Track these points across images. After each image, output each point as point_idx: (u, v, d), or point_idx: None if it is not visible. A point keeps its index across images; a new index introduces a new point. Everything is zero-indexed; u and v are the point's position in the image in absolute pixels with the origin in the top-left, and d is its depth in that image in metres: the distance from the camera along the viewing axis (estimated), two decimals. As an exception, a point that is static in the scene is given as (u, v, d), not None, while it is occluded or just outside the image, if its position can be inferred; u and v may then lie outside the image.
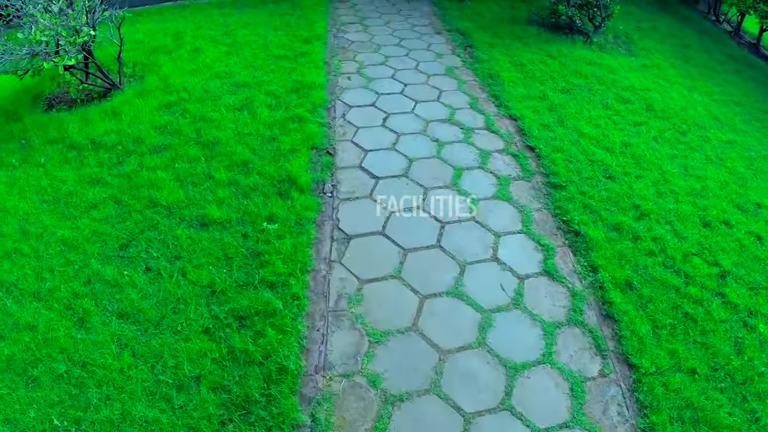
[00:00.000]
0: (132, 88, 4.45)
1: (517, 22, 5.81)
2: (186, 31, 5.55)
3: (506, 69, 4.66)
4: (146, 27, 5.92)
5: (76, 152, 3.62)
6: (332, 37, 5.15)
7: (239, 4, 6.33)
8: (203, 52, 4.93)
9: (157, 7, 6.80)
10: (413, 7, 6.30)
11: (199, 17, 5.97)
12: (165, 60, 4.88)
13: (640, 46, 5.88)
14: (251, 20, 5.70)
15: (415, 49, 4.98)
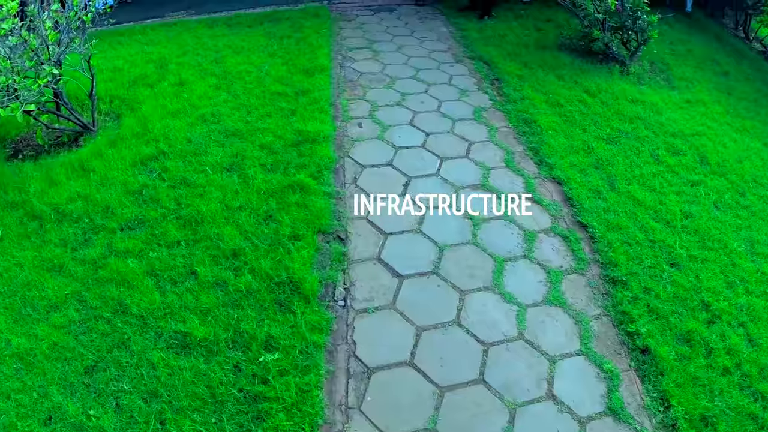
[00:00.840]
0: (107, 131, 3.90)
1: (545, 48, 5.25)
2: (171, 57, 4.98)
3: (542, 111, 4.15)
4: (127, 50, 5.34)
5: (38, 223, 3.08)
6: (338, 67, 4.59)
7: (232, 22, 5.75)
8: (189, 86, 4.36)
9: (141, 24, 6.17)
10: (428, 28, 5.72)
11: (187, 39, 5.39)
12: (146, 95, 4.33)
13: (678, 75, 5.38)
14: (245, 44, 5.12)
15: (435, 83, 4.42)
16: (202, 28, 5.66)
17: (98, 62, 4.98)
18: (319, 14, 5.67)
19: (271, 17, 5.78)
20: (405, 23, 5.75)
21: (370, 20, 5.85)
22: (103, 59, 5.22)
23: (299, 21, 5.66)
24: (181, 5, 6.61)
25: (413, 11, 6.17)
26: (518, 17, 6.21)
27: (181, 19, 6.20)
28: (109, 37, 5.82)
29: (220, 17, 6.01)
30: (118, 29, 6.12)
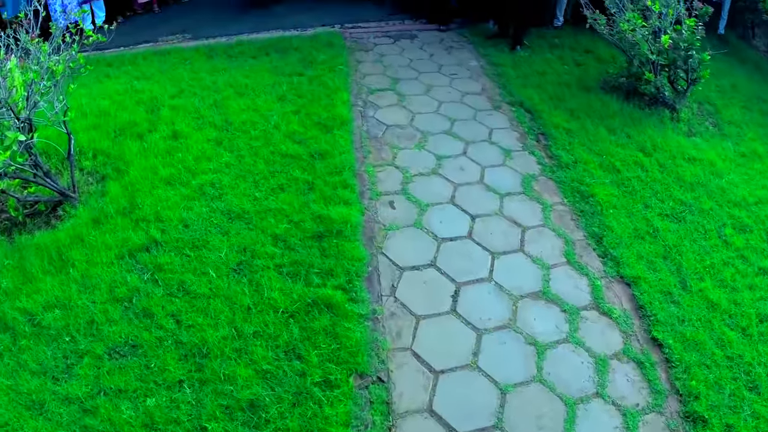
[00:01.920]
0: (90, 200, 3.38)
1: (589, 89, 4.75)
2: (164, 97, 4.44)
3: (599, 180, 3.64)
4: (115, 85, 4.81)
5: (10, 338, 2.56)
6: (359, 117, 4.08)
7: (233, 52, 5.21)
8: (184, 140, 3.82)
9: (131, 51, 5.62)
10: (456, 60, 5.19)
11: (182, 73, 4.86)
12: (134, 150, 3.79)
13: (727, 118, 4.93)
14: (249, 81, 4.59)
15: (473, 140, 3.91)
16: (200, 59, 5.12)
17: (82, 101, 4.45)
18: (333, 43, 5.16)
19: (277, 46, 5.25)
20: (430, 55, 5.24)
21: (390, 51, 5.32)
22: (87, 97, 4.68)
23: (310, 52, 5.10)
24: (176, 28, 6.06)
25: (436, 38, 5.65)
26: (553, 47, 5.70)
27: (176, 45, 5.65)
28: (96, 65, 5.26)
29: (219, 44, 5.48)
30: (105, 56, 5.60)
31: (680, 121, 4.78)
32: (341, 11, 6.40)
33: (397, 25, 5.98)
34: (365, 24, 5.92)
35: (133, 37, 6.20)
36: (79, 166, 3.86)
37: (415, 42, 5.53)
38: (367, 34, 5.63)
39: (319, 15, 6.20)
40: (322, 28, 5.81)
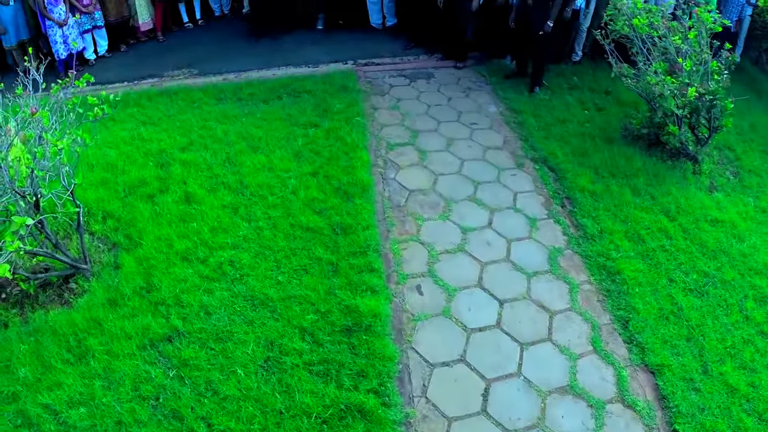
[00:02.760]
0: (103, 273, 3.40)
1: (612, 140, 4.78)
2: (173, 150, 4.43)
3: (624, 253, 3.67)
4: (121, 132, 4.78)
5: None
6: (380, 181, 4.08)
7: (243, 95, 5.20)
8: (198, 205, 3.82)
9: (136, 88, 5.59)
10: (475, 106, 5.17)
11: (191, 120, 4.84)
12: (146, 215, 3.78)
13: (747, 165, 5.01)
14: (262, 133, 4.57)
15: (498, 207, 3.91)
16: (209, 102, 5.11)
17: (88, 151, 4.30)
18: (347, 87, 5.14)
19: (289, 88, 5.25)
20: (448, 99, 5.23)
21: (406, 94, 5.31)
22: (92, 146, 4.61)
23: (324, 98, 5.08)
24: (182, 61, 6.06)
25: (453, 78, 5.64)
26: (572, 88, 5.71)
27: (182, 84, 5.62)
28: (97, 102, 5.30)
29: (227, 84, 5.45)
30: (112, 91, 5.46)
31: (702, 174, 4.85)
32: (353, 45, 6.38)
33: (412, 62, 5.97)
34: (379, 60, 5.92)
35: (137, 69, 6.22)
36: (88, 230, 3.88)
37: (431, 82, 5.53)
38: (381, 73, 5.62)
39: (330, 49, 6.20)
40: (335, 65, 5.81)
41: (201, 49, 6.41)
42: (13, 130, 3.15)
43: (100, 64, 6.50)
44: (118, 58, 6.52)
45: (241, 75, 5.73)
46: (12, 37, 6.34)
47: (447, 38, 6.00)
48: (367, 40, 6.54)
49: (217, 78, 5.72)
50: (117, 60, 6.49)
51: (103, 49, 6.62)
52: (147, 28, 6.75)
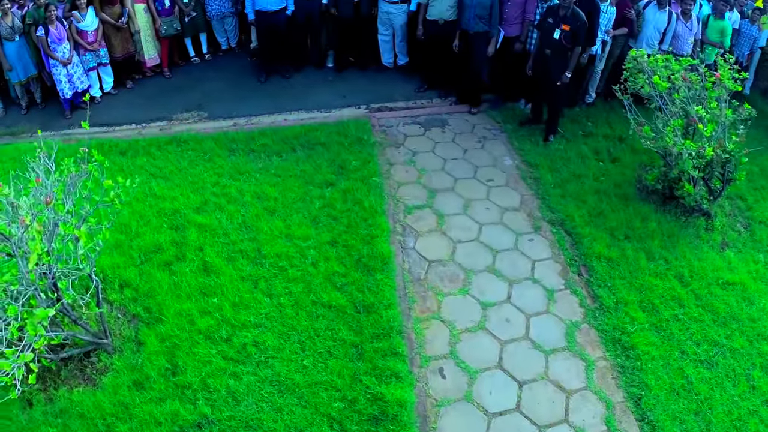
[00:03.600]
0: (125, 349, 3.56)
1: (626, 196, 4.96)
2: (188, 210, 4.58)
3: (639, 325, 3.85)
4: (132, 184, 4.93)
5: None
6: (400, 251, 4.21)
7: (255, 146, 5.32)
8: (217, 276, 3.96)
9: (144, 135, 5.69)
10: (490, 159, 5.32)
11: (204, 176, 4.96)
12: (164, 287, 3.92)
13: (758, 216, 5.25)
14: (278, 193, 4.69)
15: (516, 279, 4.05)
16: (221, 154, 5.24)
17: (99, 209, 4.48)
18: (362, 139, 5.26)
19: (302, 139, 5.38)
20: (463, 151, 5.38)
21: (421, 145, 5.43)
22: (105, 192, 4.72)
23: (339, 151, 5.20)
24: (191, 104, 6.20)
25: (467, 125, 5.79)
26: (587, 135, 5.89)
27: (192, 130, 5.71)
28: (108, 153, 5.32)
29: (239, 133, 5.55)
30: (118, 140, 5.70)
31: (714, 230, 5.05)
32: (365, 86, 6.51)
33: (426, 106, 6.11)
34: (393, 105, 6.06)
35: (145, 110, 6.35)
36: (105, 298, 4.00)
37: (446, 131, 5.67)
38: (395, 120, 5.76)
39: (342, 91, 6.33)
40: (348, 110, 5.96)
41: (209, 88, 6.54)
42: (28, 219, 3.27)
43: (106, 102, 6.63)
44: (124, 95, 6.66)
45: (251, 120, 5.88)
46: (19, 72, 6.45)
47: (461, 82, 6.14)
48: (379, 81, 6.66)
49: (228, 123, 5.87)
50: (123, 98, 6.62)
51: (109, 85, 6.73)
52: (153, 63, 6.87)
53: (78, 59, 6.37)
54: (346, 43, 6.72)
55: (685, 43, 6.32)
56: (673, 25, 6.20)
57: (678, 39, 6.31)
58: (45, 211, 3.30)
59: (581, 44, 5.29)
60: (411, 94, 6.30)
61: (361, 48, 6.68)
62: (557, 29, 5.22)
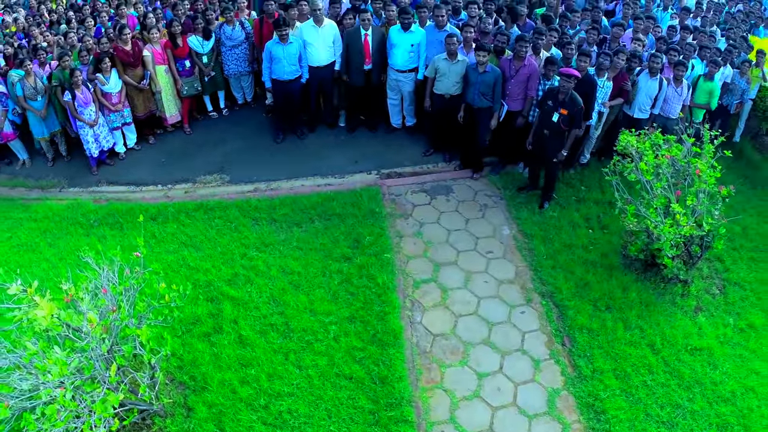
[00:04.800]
0: (177, 414, 4.61)
1: (611, 267, 6.05)
2: (220, 283, 5.74)
3: (611, 391, 4.89)
4: (166, 255, 6.03)
5: None
6: (408, 326, 5.35)
7: (277, 216, 6.44)
8: (252, 348, 5.08)
9: (172, 197, 6.81)
10: (490, 228, 6.39)
11: (232, 247, 6.05)
12: (206, 357, 5.07)
13: (733, 278, 6.40)
14: (300, 268, 5.76)
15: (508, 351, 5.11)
16: (245, 224, 6.38)
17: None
18: (374, 211, 6.40)
19: (320, 209, 6.52)
20: (466, 220, 6.52)
21: (428, 216, 6.54)
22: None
23: (354, 225, 6.28)
24: (213, 167, 7.37)
25: (470, 191, 6.94)
26: (579, 200, 7.06)
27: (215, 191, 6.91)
28: (138, 212, 6.45)
29: (261, 201, 6.65)
30: (147, 203, 6.83)
31: (689, 296, 6.16)
32: (375, 149, 7.64)
33: (432, 171, 7.26)
34: (401, 170, 7.23)
35: (169, 169, 7.52)
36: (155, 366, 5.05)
37: (450, 199, 6.82)
38: (404, 188, 6.91)
39: (354, 155, 7.50)
40: (360, 176, 7.12)
41: (229, 149, 7.72)
42: (96, 328, 4.25)
43: (131, 158, 7.79)
44: (147, 152, 7.85)
45: (271, 185, 7.05)
46: (43, 128, 7.48)
47: (465, 149, 7.29)
48: (388, 143, 7.82)
49: (249, 187, 7.04)
50: (147, 155, 7.81)
51: (132, 141, 7.85)
52: (174, 120, 7.96)
53: (103, 119, 7.42)
54: (357, 104, 7.87)
55: (675, 107, 7.40)
56: (664, 91, 7.27)
57: (668, 103, 7.38)
58: (111, 316, 4.36)
59: (578, 127, 6.39)
60: (418, 158, 7.48)
61: (371, 110, 7.85)
62: (556, 112, 6.29)
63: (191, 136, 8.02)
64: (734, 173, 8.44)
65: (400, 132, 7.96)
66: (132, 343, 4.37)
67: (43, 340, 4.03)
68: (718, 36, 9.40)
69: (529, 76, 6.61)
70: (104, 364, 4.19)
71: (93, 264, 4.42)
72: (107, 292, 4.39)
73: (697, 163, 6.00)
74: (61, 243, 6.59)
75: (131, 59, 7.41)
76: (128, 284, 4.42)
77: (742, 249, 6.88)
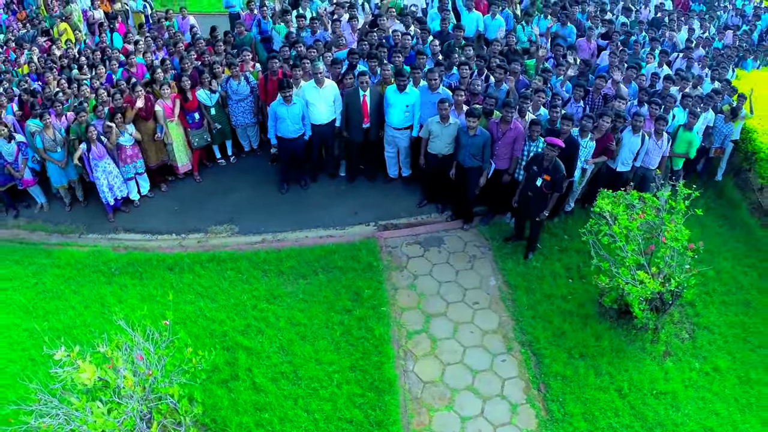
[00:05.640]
0: None
1: (587, 316, 7.21)
2: (234, 333, 6.93)
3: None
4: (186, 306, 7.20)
5: None
6: (402, 374, 6.51)
7: (284, 268, 7.67)
8: (265, 395, 6.22)
9: (187, 250, 7.99)
10: (477, 278, 7.58)
11: (244, 298, 7.24)
12: (225, 402, 6.22)
13: (703, 322, 7.57)
14: (306, 319, 6.93)
15: (489, 396, 6.24)
16: (255, 275, 7.61)
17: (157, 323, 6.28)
18: (372, 265, 7.61)
19: (323, 261, 7.75)
20: (456, 271, 7.74)
21: (421, 268, 7.77)
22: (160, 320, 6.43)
23: (354, 277, 7.49)
24: (223, 216, 8.59)
25: (460, 242, 8.16)
26: (562, 250, 8.27)
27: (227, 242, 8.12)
28: (157, 267, 7.69)
29: (269, 253, 7.88)
30: (164, 253, 7.98)
31: (659, 342, 7.30)
32: (373, 200, 8.85)
33: (426, 223, 8.49)
34: (397, 222, 8.46)
35: (182, 219, 8.71)
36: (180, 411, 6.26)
37: (442, 250, 8.04)
38: (399, 240, 8.14)
39: (354, 206, 8.71)
40: (359, 227, 8.33)
41: (237, 198, 8.95)
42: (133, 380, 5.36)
43: (145, 205, 9.00)
44: (160, 199, 9.06)
45: (278, 236, 8.27)
46: (62, 176, 8.56)
47: (456, 201, 8.49)
48: (386, 194, 9.03)
49: (257, 238, 8.26)
50: (160, 202, 9.02)
51: (146, 189, 9.04)
52: (185, 169, 9.13)
53: (117, 170, 8.48)
54: (356, 155, 9.06)
55: (655, 158, 8.52)
56: (646, 146, 8.35)
57: (648, 155, 8.51)
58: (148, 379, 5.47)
59: (559, 192, 7.56)
60: (413, 209, 8.70)
61: (370, 161, 9.06)
62: (540, 177, 7.45)
63: (201, 184, 9.25)
64: (714, 213, 9.66)
65: (397, 182, 9.20)
66: (166, 400, 5.51)
67: (84, 394, 5.17)
68: (706, 77, 10.48)
69: (515, 138, 7.80)
70: (141, 417, 5.37)
71: (126, 326, 5.54)
72: (143, 359, 5.53)
73: (664, 232, 7.10)
74: (84, 291, 7.76)
75: (144, 114, 8.55)
76: (159, 351, 5.55)
77: (714, 293, 8.07)
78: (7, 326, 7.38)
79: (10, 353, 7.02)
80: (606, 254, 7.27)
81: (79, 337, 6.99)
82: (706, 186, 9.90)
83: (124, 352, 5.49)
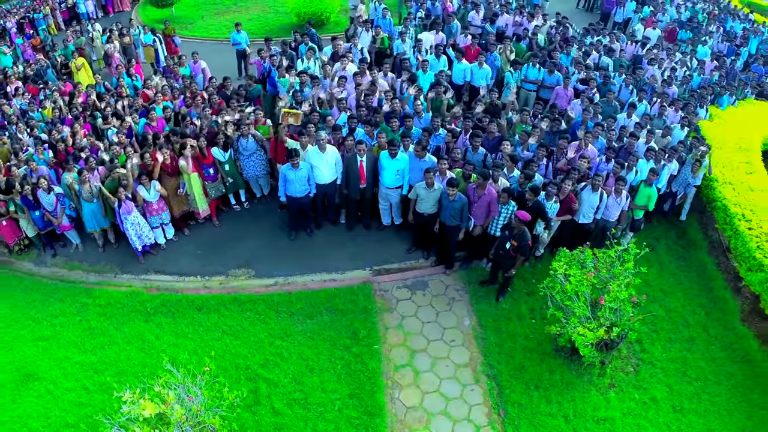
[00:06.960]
0: None
1: (545, 353, 9.85)
2: (255, 366, 9.59)
3: None
4: (213, 342, 9.81)
5: None
6: (390, 401, 9.25)
7: (294, 309, 10.37)
8: (282, 419, 8.93)
9: (211, 292, 10.66)
10: (455, 319, 10.21)
11: (261, 336, 9.85)
12: (250, 422, 8.89)
13: (648, 357, 10.18)
14: (314, 354, 9.61)
15: (459, 419, 8.89)
16: (270, 316, 10.34)
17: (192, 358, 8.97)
18: (368, 308, 10.33)
19: (327, 304, 10.46)
20: (437, 313, 10.45)
21: (407, 309, 10.49)
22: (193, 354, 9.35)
23: (352, 319, 10.16)
24: (240, 261, 11.30)
25: (442, 285, 10.87)
26: (529, 293, 10.91)
27: (245, 284, 10.77)
28: (188, 308, 10.35)
29: (282, 295, 10.58)
30: (192, 295, 10.62)
31: (605, 375, 9.82)
32: (370, 246, 11.54)
33: (413, 268, 11.20)
34: (389, 266, 11.16)
35: (205, 262, 11.43)
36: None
37: (426, 293, 10.77)
38: (391, 284, 10.85)
39: (352, 253, 11.46)
40: (357, 272, 11.03)
41: (253, 245, 11.69)
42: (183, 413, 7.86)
43: (171, 249, 11.59)
44: (184, 243, 11.74)
45: (288, 279, 10.98)
46: (95, 224, 10.96)
47: (439, 249, 11.16)
48: (379, 240, 11.75)
49: (270, 281, 10.98)
50: (184, 246, 11.70)
51: (171, 234, 11.66)
52: (205, 214, 11.61)
53: (145, 221, 10.85)
54: (354, 208, 11.70)
55: (614, 212, 10.97)
56: (605, 202, 10.72)
57: (608, 209, 10.94)
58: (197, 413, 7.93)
59: (524, 256, 10.11)
60: (403, 254, 11.40)
61: (366, 212, 11.70)
62: (509, 242, 9.85)
63: (220, 229, 11.98)
64: (673, 254, 12.26)
65: (390, 229, 11.95)
66: (207, 426, 8.01)
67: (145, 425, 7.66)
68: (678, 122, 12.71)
69: (489, 202, 10.38)
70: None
71: (175, 372, 8.01)
72: (193, 400, 7.99)
73: (606, 292, 9.51)
74: (125, 328, 10.39)
75: (169, 170, 10.88)
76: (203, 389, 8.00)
77: (661, 331, 10.74)
78: (61, 359, 10.08)
79: (66, 383, 9.70)
80: (561, 303, 9.79)
81: (125, 369, 9.72)
82: (671, 225, 12.36)
83: (173, 388, 8.02)
